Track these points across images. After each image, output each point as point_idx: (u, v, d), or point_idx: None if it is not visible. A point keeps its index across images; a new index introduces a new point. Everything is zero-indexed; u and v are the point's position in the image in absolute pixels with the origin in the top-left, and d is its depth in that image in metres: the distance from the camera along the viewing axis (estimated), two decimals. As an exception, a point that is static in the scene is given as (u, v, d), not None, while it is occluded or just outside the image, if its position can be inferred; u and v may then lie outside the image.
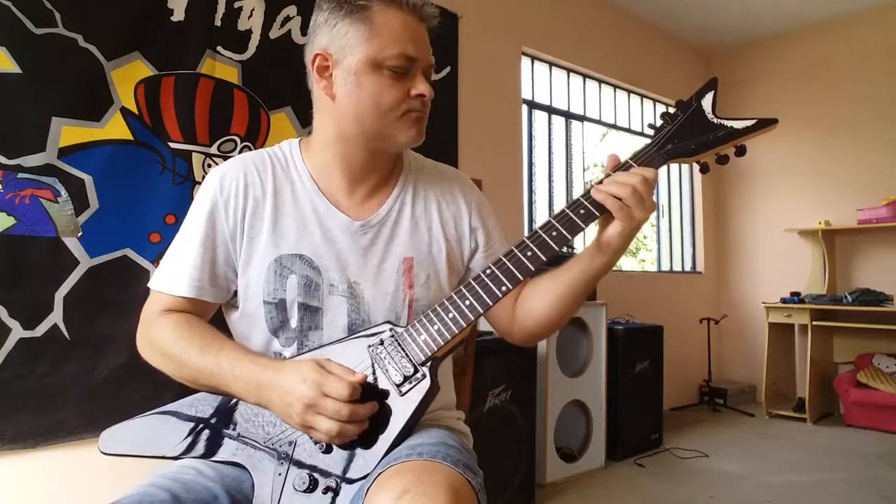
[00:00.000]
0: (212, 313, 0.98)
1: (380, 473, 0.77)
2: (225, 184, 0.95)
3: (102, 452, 0.88)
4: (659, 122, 0.93)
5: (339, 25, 0.89)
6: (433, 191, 1.05)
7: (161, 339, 0.90)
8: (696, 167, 0.93)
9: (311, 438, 0.85)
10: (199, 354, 0.87)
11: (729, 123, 0.89)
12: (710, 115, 0.91)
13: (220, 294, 0.95)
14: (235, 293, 0.97)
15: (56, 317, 1.79)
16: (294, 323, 0.93)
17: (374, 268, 0.97)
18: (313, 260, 0.94)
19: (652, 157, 0.90)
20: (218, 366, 0.86)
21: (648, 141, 0.92)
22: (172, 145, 2.02)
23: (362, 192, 0.99)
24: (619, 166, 0.89)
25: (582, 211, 0.87)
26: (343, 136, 0.95)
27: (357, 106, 0.91)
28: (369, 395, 0.84)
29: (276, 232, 0.94)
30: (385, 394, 0.86)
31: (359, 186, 0.99)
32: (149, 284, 0.96)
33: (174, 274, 0.93)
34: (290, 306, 0.93)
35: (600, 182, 0.87)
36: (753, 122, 0.88)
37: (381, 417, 0.85)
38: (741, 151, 0.92)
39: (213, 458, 0.87)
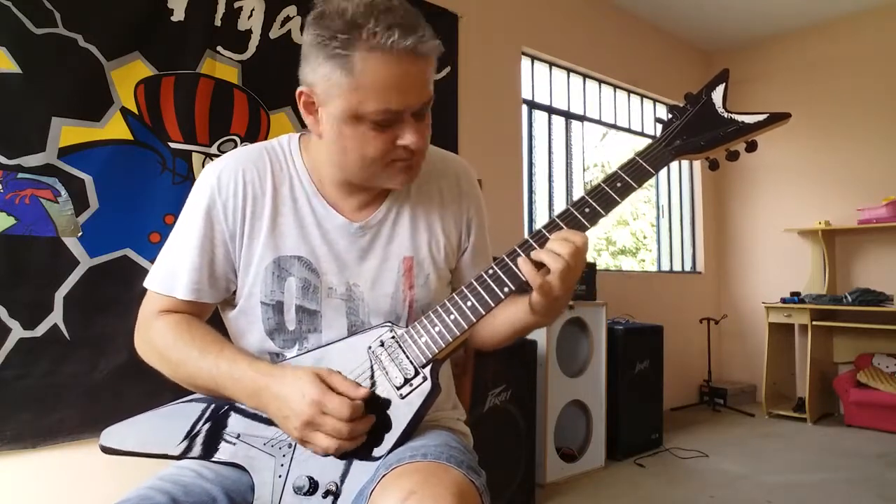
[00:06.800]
0: (209, 313, 0.97)
1: (384, 475, 0.77)
2: (223, 182, 0.91)
3: (103, 450, 0.87)
4: (667, 117, 0.88)
5: (322, 67, 0.81)
6: (435, 185, 1.02)
7: (159, 340, 0.90)
8: (699, 164, 0.91)
9: None
10: (198, 355, 0.86)
11: (740, 118, 0.85)
12: (720, 110, 0.86)
13: (218, 294, 0.94)
14: (234, 291, 0.96)
15: (56, 317, 1.78)
16: (292, 326, 0.92)
17: (374, 269, 0.95)
18: (312, 262, 0.92)
19: (660, 153, 0.86)
20: (217, 368, 0.85)
21: (650, 140, 0.89)
22: (172, 145, 2.02)
23: (361, 195, 0.96)
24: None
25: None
26: (334, 166, 0.92)
27: (340, 154, 0.88)
28: (371, 405, 0.82)
29: (275, 232, 0.92)
30: (387, 403, 0.85)
31: (357, 192, 0.96)
32: (145, 284, 0.95)
33: (172, 275, 0.92)
34: (287, 309, 0.92)
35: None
36: (765, 116, 0.84)
37: (383, 420, 0.84)
38: (752, 147, 0.87)
39: (213, 459, 0.86)
